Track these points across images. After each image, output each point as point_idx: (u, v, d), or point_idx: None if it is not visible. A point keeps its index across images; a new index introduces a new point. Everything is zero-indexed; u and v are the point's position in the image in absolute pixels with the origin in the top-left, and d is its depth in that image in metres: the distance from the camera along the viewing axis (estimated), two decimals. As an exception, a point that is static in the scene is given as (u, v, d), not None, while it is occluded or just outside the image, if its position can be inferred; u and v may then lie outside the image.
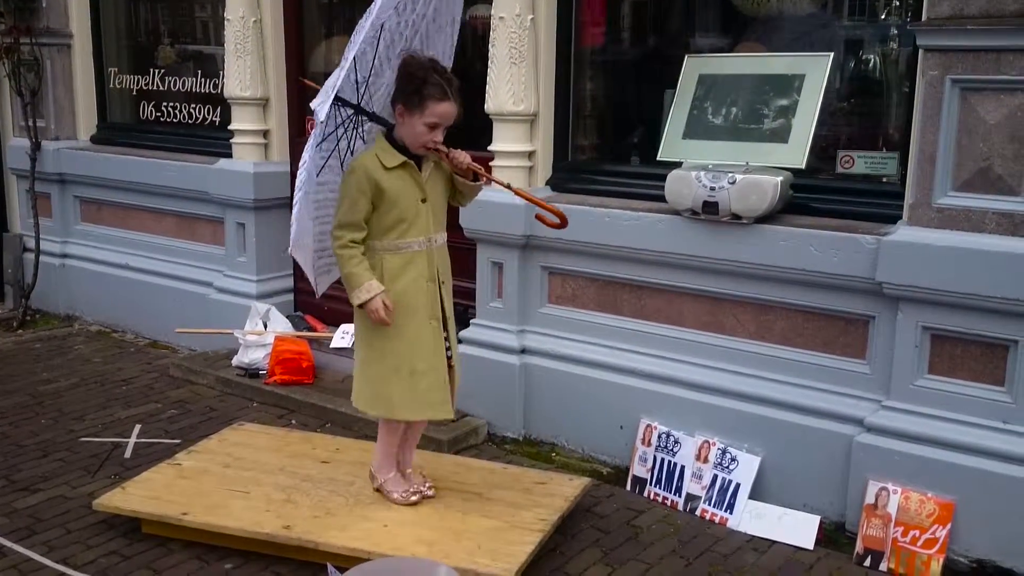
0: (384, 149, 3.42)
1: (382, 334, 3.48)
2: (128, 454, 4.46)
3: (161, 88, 6.34)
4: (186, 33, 6.42)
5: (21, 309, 6.57)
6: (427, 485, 3.74)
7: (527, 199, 3.63)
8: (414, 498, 3.67)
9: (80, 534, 3.72)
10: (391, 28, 3.50)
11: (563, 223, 3.54)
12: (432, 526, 3.53)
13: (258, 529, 3.50)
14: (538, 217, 3.60)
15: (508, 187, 3.58)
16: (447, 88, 3.34)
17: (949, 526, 3.45)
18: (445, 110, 3.34)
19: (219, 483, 3.84)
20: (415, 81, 3.33)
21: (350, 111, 3.52)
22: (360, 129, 3.61)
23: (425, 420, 3.72)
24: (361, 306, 3.41)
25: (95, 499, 3.78)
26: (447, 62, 3.67)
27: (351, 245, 3.40)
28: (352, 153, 3.59)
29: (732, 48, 4.36)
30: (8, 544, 3.64)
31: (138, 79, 6.45)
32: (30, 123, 6.42)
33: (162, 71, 6.34)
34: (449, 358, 3.59)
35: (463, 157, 3.46)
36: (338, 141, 3.55)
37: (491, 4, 4.44)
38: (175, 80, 6.27)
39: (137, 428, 4.75)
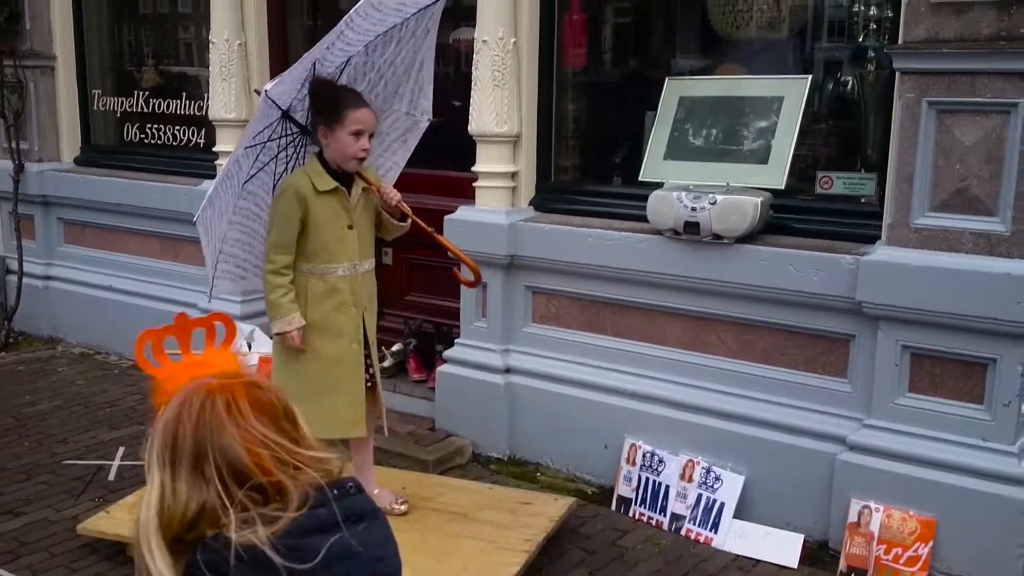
0: (317, 172, 3.48)
1: (301, 356, 3.56)
2: (112, 476, 4.45)
3: (145, 110, 6.34)
4: (170, 55, 6.44)
5: (4, 331, 6.52)
6: (399, 500, 3.80)
7: (448, 248, 3.66)
8: (404, 507, 3.75)
9: (64, 558, 3.71)
10: (356, 65, 3.59)
11: (477, 280, 3.66)
12: (418, 547, 3.53)
13: (242, 552, 3.49)
14: (453, 274, 3.68)
15: (433, 235, 3.63)
16: (361, 95, 3.45)
17: (931, 543, 3.48)
18: (365, 116, 3.43)
19: (204, 506, 3.83)
20: (328, 96, 3.42)
21: (296, 130, 3.56)
22: (300, 154, 3.68)
23: (364, 440, 3.76)
24: (278, 334, 3.51)
25: (79, 523, 3.78)
26: (415, 105, 3.84)
27: (283, 273, 3.47)
28: (288, 173, 3.66)
29: (712, 70, 4.41)
30: (-9, 569, 3.64)
31: (122, 101, 6.45)
32: (13, 145, 6.41)
33: (146, 93, 6.34)
34: (372, 379, 3.68)
35: (393, 194, 3.53)
36: (276, 155, 3.62)
37: (474, 27, 4.49)
38: (159, 102, 6.27)
39: (121, 450, 4.73)
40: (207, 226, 3.57)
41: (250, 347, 5.36)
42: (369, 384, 3.66)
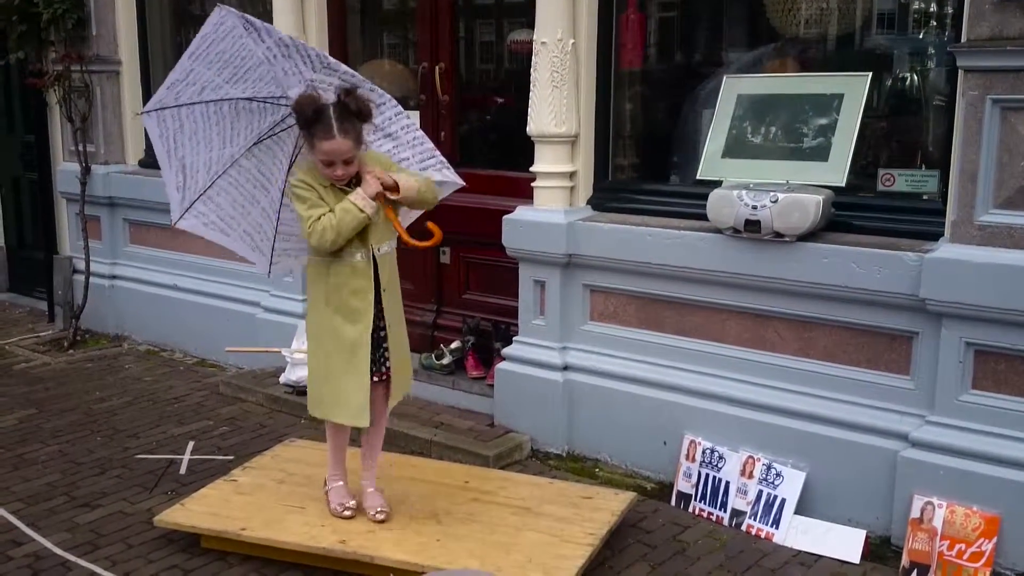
0: (313, 168, 3.52)
1: (324, 339, 3.63)
2: (183, 470, 4.58)
3: (207, 112, 6.48)
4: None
5: (71, 330, 6.72)
6: (381, 510, 3.76)
7: (396, 227, 3.63)
8: (347, 513, 3.76)
9: (141, 549, 3.84)
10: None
11: (435, 241, 3.63)
12: (483, 540, 3.60)
13: (314, 543, 3.59)
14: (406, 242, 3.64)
15: (398, 226, 3.62)
16: (334, 125, 3.36)
17: (995, 540, 3.48)
18: (331, 147, 3.39)
19: (275, 498, 3.94)
20: (305, 119, 3.41)
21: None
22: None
23: (376, 427, 3.79)
24: (375, 199, 3.47)
25: (155, 515, 3.89)
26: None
27: (321, 220, 3.44)
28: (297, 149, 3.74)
29: (769, 67, 4.41)
30: (72, 559, 3.76)
31: (184, 104, 6.60)
32: (80, 148, 6.60)
33: (207, 96, 6.48)
34: (388, 366, 3.70)
35: (371, 188, 3.47)
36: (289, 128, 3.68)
37: (533, 30, 4.54)
38: (220, 105, 6.41)
39: (191, 445, 4.87)
40: (166, 131, 3.58)
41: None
42: (386, 368, 3.68)
